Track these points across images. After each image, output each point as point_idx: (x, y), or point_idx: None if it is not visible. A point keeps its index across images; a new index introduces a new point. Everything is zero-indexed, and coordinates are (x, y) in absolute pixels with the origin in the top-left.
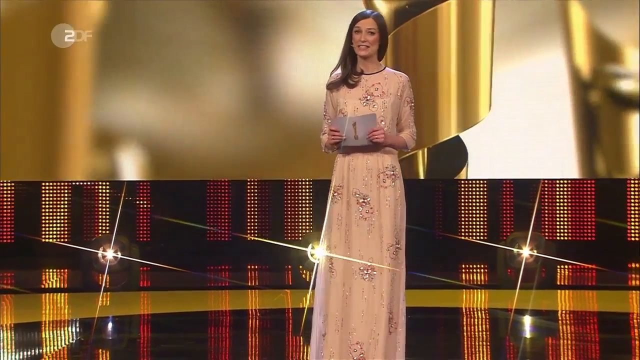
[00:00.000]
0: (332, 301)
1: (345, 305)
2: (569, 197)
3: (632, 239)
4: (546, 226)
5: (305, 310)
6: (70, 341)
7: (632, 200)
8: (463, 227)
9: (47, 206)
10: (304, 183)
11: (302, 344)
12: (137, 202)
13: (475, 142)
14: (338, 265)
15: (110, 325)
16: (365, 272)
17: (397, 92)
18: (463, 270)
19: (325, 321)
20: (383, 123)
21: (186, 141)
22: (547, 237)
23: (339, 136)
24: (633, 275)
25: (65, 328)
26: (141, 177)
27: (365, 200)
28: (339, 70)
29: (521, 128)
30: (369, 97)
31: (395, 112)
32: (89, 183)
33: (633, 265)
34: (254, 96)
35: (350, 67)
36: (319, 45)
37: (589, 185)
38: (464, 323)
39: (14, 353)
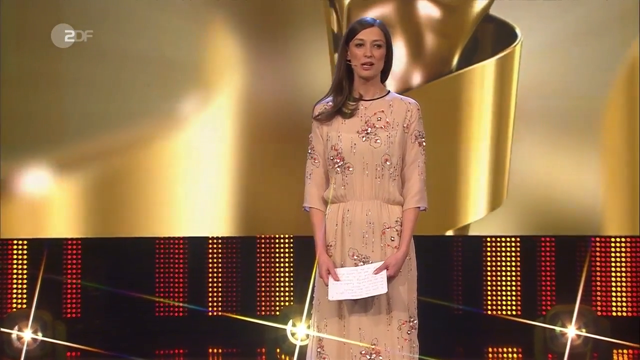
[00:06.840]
0: None
1: None
2: (628, 259)
3: None
4: (598, 298)
5: None
6: None
7: None
8: (489, 298)
9: None
10: (282, 240)
11: None
12: (64, 265)
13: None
14: (330, 348)
15: None
16: (368, 356)
17: (403, 122)
18: (490, 355)
19: None
20: (388, 163)
21: (130, 188)
22: (599, 312)
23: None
24: None
25: None
26: (70, 234)
27: (366, 264)
28: (328, 98)
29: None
30: (369, 130)
31: (403, 148)
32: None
33: None
34: (215, 128)
35: (347, 92)
36: (291, 75)
37: None
38: None
39: None
